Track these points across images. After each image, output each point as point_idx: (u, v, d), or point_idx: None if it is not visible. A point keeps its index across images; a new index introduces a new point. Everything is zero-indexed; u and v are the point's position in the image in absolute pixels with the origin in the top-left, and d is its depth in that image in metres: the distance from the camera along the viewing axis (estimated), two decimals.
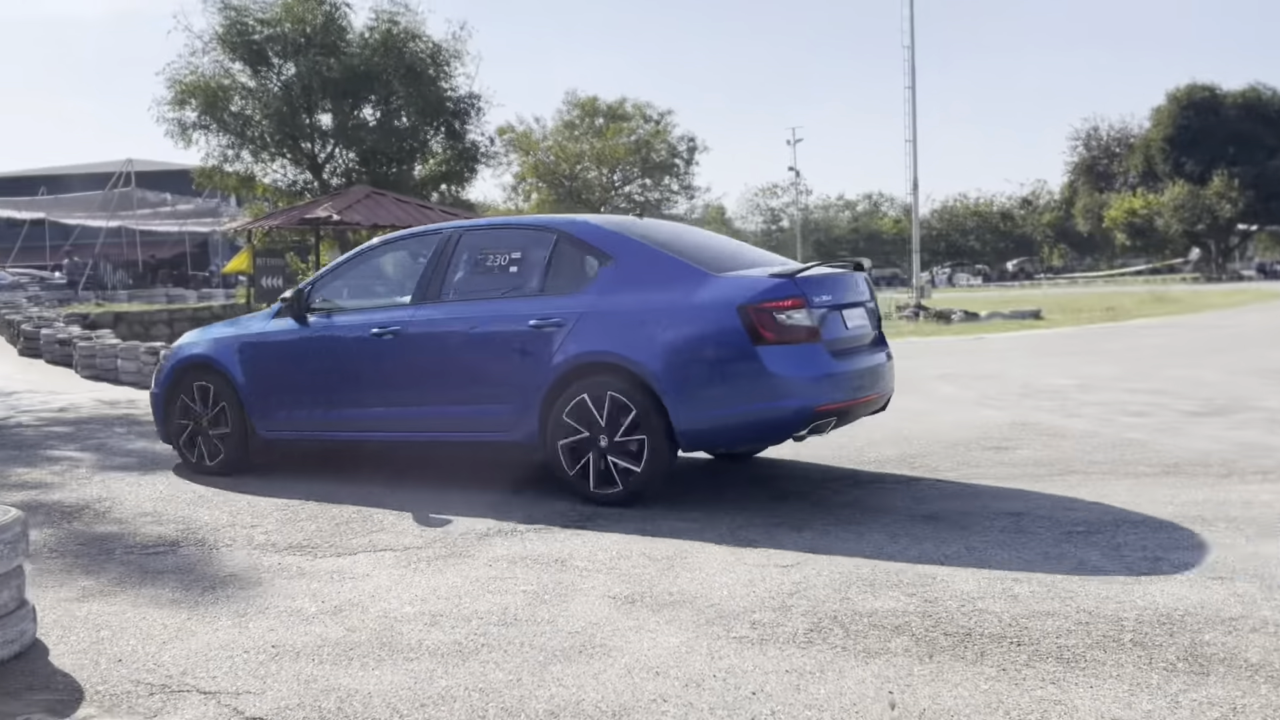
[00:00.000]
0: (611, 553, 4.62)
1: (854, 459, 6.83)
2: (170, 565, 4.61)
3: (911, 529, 4.93)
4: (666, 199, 48.22)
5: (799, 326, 5.39)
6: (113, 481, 6.57)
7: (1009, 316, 25.30)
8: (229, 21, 19.06)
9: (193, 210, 44.55)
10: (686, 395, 5.40)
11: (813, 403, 5.36)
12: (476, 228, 6.56)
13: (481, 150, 22.08)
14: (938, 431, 7.93)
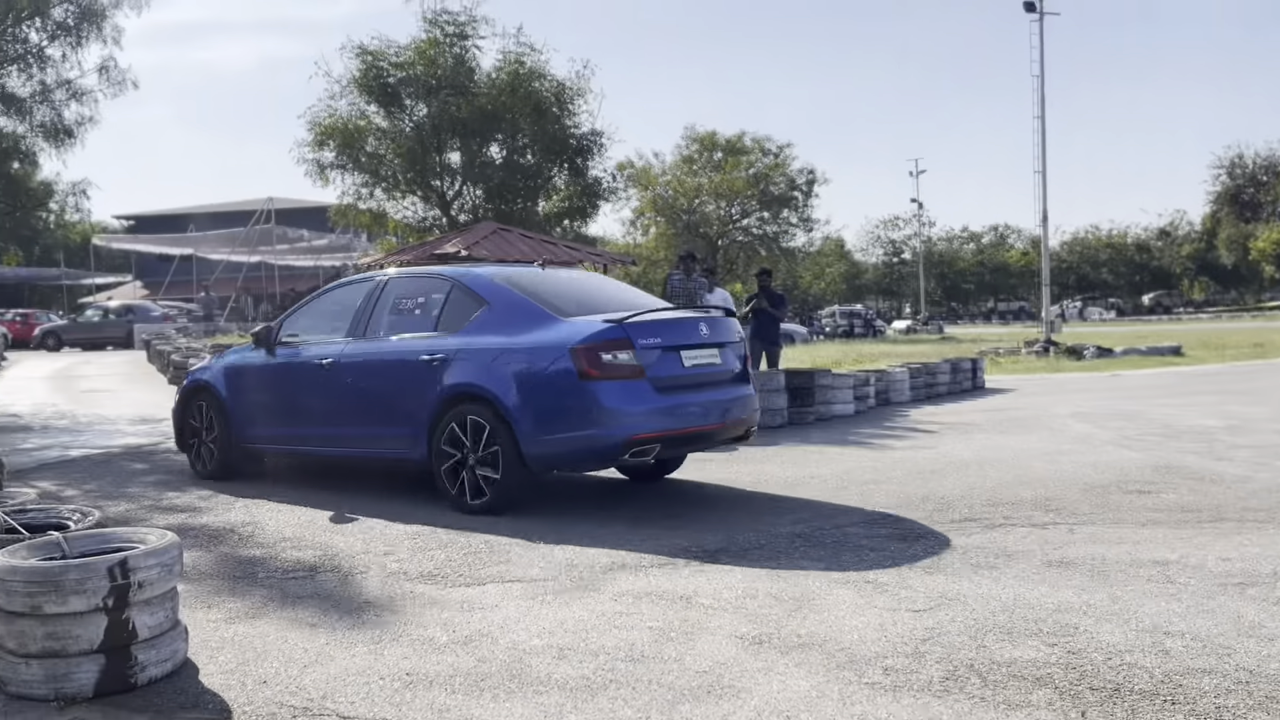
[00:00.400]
0: (737, 591, 4.58)
1: (986, 499, 6.62)
2: (310, 590, 4.78)
3: (1049, 575, 4.74)
4: (785, 231, 47.96)
5: (623, 365, 6.22)
6: (256, 507, 6.87)
7: (1146, 352, 24.24)
8: (365, 66, 19.94)
9: (327, 245, 46.46)
10: (529, 423, 6.26)
11: (631, 432, 6.18)
12: (399, 275, 7.76)
13: (603, 186, 22.46)
14: (1073, 473, 7.62)
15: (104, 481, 8.08)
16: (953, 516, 6.14)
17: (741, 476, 7.81)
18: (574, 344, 6.21)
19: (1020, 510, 6.28)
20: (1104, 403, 13.24)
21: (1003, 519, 6.04)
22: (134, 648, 3.44)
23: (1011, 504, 6.48)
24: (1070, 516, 6.08)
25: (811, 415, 11.68)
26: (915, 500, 6.66)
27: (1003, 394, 15.11)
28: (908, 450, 9.18)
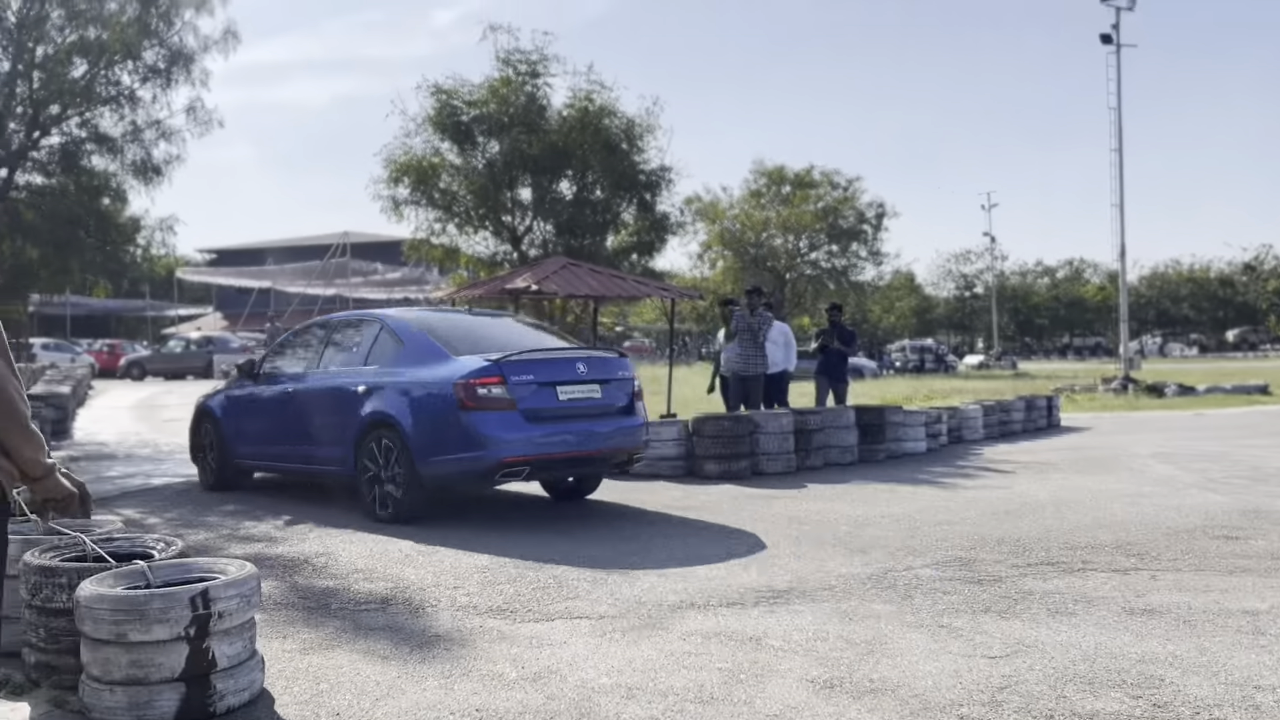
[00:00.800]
0: (808, 633, 4.52)
1: (1064, 543, 6.45)
2: (381, 623, 4.84)
3: (1131, 623, 4.59)
4: (854, 265, 47.54)
5: (497, 398, 7.18)
6: (329, 538, 6.99)
7: (1231, 390, 23.48)
8: (440, 104, 20.39)
9: (400, 278, 47.40)
10: (422, 446, 7.29)
11: (502, 455, 7.15)
12: (345, 317, 9.22)
13: (671, 221, 22.58)
14: (1156, 516, 7.39)
15: (184, 510, 8.30)
16: (1029, 560, 6.00)
17: (810, 514, 7.72)
18: (456, 379, 7.24)
19: (1100, 554, 6.11)
20: (1187, 443, 12.84)
21: (1082, 563, 5.88)
22: (213, 677, 3.51)
23: (1091, 548, 6.30)
24: (1153, 562, 5.90)
25: (882, 453, 11.52)
26: (990, 542, 6.52)
27: (1079, 432, 14.74)
28: (981, 490, 9.00)
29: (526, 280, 13.84)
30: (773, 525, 7.28)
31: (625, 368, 8.12)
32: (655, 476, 9.95)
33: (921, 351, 49.77)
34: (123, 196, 21.54)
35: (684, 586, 5.42)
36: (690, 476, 9.99)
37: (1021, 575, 5.61)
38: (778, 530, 7.08)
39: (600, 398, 7.77)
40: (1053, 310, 79.89)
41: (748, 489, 9.18)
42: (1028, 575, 5.60)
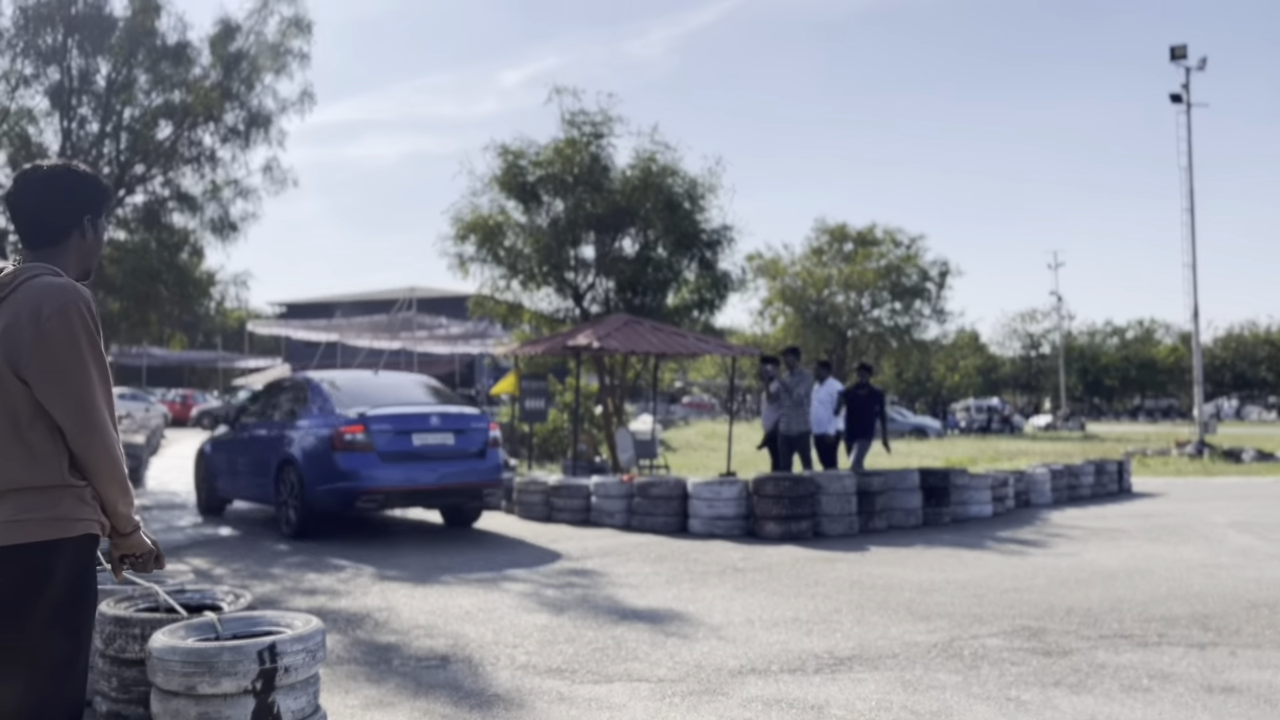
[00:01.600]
0: (871, 703, 4.44)
1: (1137, 614, 6.25)
2: (442, 680, 4.85)
3: (1210, 702, 4.43)
4: (917, 323, 47.10)
5: (360, 443, 9.27)
6: (390, 591, 7.04)
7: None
8: (506, 164, 20.77)
9: (463, 333, 48.04)
10: (310, 479, 9.41)
11: (360, 487, 9.25)
12: (289, 378, 11.41)
13: (733, 278, 22.63)
14: (1235, 589, 7.14)
15: (250, 560, 8.43)
16: (1101, 631, 5.82)
17: (873, 578, 7.59)
18: (332, 428, 9.38)
19: (1176, 628, 5.91)
20: (1266, 511, 12.40)
21: (1157, 636, 5.69)
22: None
23: (1166, 620, 6.10)
24: (1232, 637, 5.69)
25: (947, 516, 11.31)
26: (1059, 612, 6.35)
27: (1152, 498, 14.32)
28: (1050, 557, 8.78)
29: (588, 337, 13.96)
30: (835, 589, 7.18)
31: (481, 421, 10.14)
32: (714, 536, 9.87)
33: (988, 411, 48.95)
34: (200, 252, 22.25)
35: (744, 651, 5.36)
36: (750, 537, 9.90)
37: (1093, 647, 5.44)
38: (840, 594, 6.97)
39: (453, 444, 9.76)
40: (1123, 371, 78.14)
41: (809, 550, 9.06)
42: (1100, 647, 5.44)
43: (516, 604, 6.60)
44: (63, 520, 2.37)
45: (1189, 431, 30.68)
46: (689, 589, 7.20)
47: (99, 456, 2.39)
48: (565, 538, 9.93)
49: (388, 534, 10.26)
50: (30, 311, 2.35)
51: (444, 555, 8.74)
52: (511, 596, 6.85)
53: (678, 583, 7.44)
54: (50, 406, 2.36)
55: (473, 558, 8.62)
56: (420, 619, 6.19)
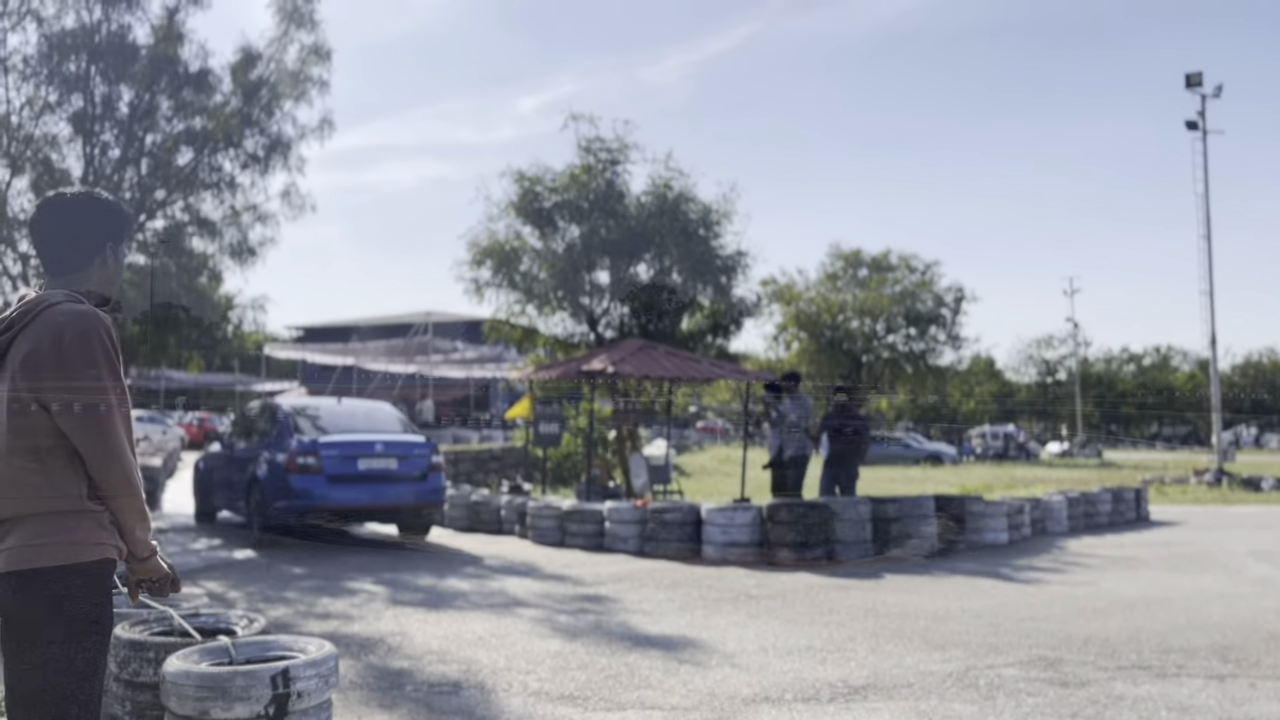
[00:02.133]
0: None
1: (1156, 645, 6.19)
2: (454, 706, 4.84)
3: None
4: (931, 349, 46.97)
5: (309, 465, 10.43)
6: (404, 617, 7.04)
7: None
8: (523, 190, 20.92)
9: (479, 357, 48.17)
10: (270, 492, 10.59)
11: (310, 504, 10.45)
12: (264, 402, 13.08)
13: (747, 304, 22.67)
14: (1255, 619, 7.06)
15: (264, 584, 8.45)
16: (1119, 662, 5.76)
17: (888, 606, 7.54)
18: (288, 453, 10.53)
19: (1195, 659, 5.84)
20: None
21: (1175, 668, 5.63)
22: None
23: (1185, 651, 6.04)
24: (1252, 669, 5.62)
25: (962, 544, 11.23)
26: (1076, 642, 6.29)
27: (1170, 527, 14.19)
28: (1067, 585, 8.70)
29: (603, 362, 13.98)
30: (849, 617, 7.13)
31: (425, 448, 11.19)
32: (728, 563, 9.83)
33: (1003, 438, 48.66)
34: (218, 276, 22.43)
35: (758, 679, 5.33)
36: (764, 563, 9.85)
37: (1111, 679, 5.39)
38: (854, 622, 6.93)
39: (396, 468, 10.83)
40: (1139, 398, 77.60)
41: (823, 578, 9.02)
42: (1117, 679, 5.38)
43: (529, 630, 6.59)
44: (81, 545, 2.39)
45: (1207, 459, 30.42)
46: (702, 616, 7.17)
47: (117, 482, 2.42)
48: (578, 563, 9.91)
49: (399, 558, 10.26)
50: (52, 338, 2.38)
51: (455, 580, 8.74)
52: (524, 622, 6.84)
53: (691, 609, 7.41)
54: (70, 432, 2.38)
55: (485, 584, 8.61)
56: (433, 644, 6.19)
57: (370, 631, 6.55)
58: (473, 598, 7.81)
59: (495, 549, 10.95)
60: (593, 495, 13.83)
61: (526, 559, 10.28)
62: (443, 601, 7.59)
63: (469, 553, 10.79)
